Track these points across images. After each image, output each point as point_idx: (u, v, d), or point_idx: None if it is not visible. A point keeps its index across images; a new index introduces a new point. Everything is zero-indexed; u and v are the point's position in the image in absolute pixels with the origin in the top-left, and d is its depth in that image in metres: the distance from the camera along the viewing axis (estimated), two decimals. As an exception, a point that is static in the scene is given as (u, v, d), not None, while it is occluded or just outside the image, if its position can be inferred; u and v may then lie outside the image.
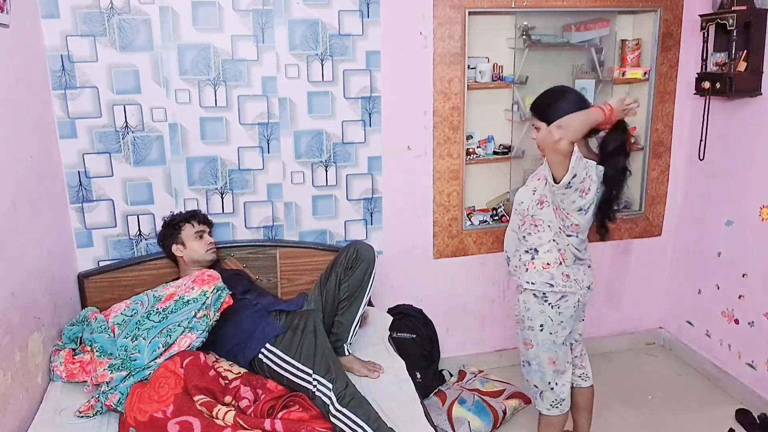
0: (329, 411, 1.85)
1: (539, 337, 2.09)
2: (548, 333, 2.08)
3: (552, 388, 2.15)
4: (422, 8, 2.64)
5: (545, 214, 2.02)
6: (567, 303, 2.06)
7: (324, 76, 2.60)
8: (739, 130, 2.76)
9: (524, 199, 2.09)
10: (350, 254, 2.28)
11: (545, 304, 2.05)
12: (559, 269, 2.04)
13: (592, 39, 2.92)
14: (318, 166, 2.69)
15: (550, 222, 2.02)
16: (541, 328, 2.08)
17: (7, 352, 1.77)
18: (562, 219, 1.98)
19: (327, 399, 1.88)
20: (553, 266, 2.04)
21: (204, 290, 2.09)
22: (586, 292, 2.10)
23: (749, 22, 2.55)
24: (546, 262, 2.04)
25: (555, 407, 2.17)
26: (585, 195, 1.92)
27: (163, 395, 1.83)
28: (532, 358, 2.13)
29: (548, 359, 2.11)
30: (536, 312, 2.07)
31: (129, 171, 2.50)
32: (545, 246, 2.04)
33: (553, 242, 2.03)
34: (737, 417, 2.68)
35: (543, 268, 2.04)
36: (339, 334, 2.26)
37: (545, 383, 2.15)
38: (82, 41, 2.34)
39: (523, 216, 2.09)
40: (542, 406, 2.20)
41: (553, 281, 2.03)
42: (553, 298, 2.05)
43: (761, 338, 2.69)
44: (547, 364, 2.12)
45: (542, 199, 2.02)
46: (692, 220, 3.11)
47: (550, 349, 2.10)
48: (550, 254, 2.04)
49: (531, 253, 2.07)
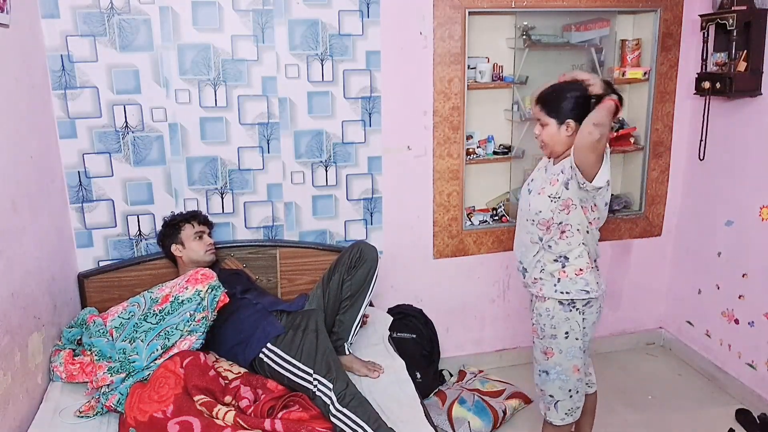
0: (329, 411, 1.85)
1: (564, 345, 2.02)
2: (574, 339, 2.02)
3: (571, 396, 2.08)
4: (422, 8, 2.64)
5: (573, 218, 1.93)
6: (592, 308, 2.03)
7: (324, 76, 2.60)
8: (739, 130, 2.76)
9: (542, 207, 1.96)
10: (354, 254, 2.28)
11: (572, 311, 1.99)
12: (591, 273, 1.99)
13: (592, 39, 2.92)
14: (318, 166, 2.69)
15: (578, 225, 1.94)
16: (566, 335, 2.01)
17: (7, 352, 1.77)
18: (588, 214, 1.93)
19: (327, 399, 1.88)
20: (585, 271, 1.98)
21: (198, 289, 2.08)
22: (603, 293, 2.08)
23: (749, 22, 2.55)
24: (579, 268, 1.97)
25: (570, 415, 2.11)
26: (608, 184, 1.90)
27: (163, 395, 1.83)
28: (553, 367, 2.05)
29: (573, 367, 2.05)
30: (562, 319, 2.00)
31: (129, 171, 2.50)
32: (575, 251, 1.97)
33: (583, 245, 1.97)
34: (737, 417, 2.68)
35: (576, 274, 1.97)
36: (340, 333, 2.26)
37: (565, 392, 2.07)
38: (82, 41, 2.34)
39: (545, 224, 1.96)
40: (556, 416, 2.10)
41: (588, 287, 1.98)
42: (580, 304, 1.99)
43: (761, 338, 2.69)
44: (573, 372, 2.05)
45: (568, 203, 1.92)
46: (692, 220, 3.11)
47: (576, 356, 2.04)
48: (581, 259, 1.97)
49: (561, 261, 1.98)
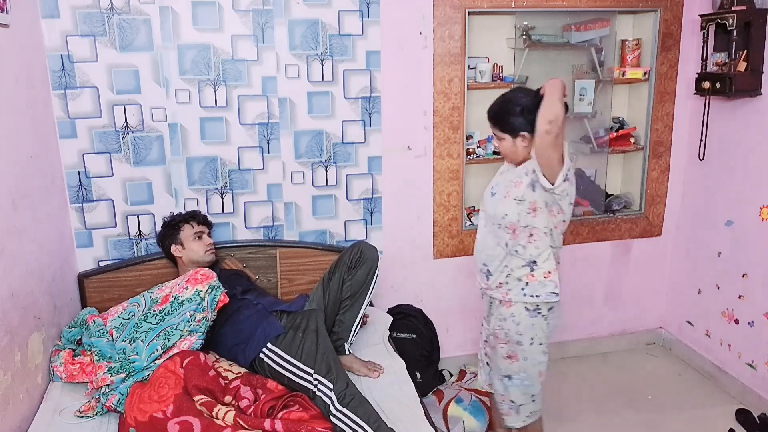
0: (329, 411, 1.85)
1: (528, 351, 2.01)
2: (538, 344, 2.01)
3: (534, 400, 2.10)
4: (422, 8, 2.64)
5: (539, 221, 1.93)
6: (555, 313, 2.02)
7: (324, 76, 2.60)
8: (739, 130, 2.76)
9: (508, 211, 1.95)
10: (354, 254, 2.28)
11: (538, 317, 1.98)
12: (557, 275, 1.98)
13: (592, 39, 2.92)
14: (318, 166, 2.69)
15: (545, 228, 1.94)
16: (531, 341, 2.00)
17: (7, 352, 1.77)
18: (554, 216, 1.92)
19: (327, 399, 1.88)
20: (553, 273, 1.97)
21: (198, 290, 2.08)
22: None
23: (749, 22, 2.55)
24: (547, 271, 1.97)
25: (531, 417, 2.12)
26: (572, 185, 1.91)
27: (163, 395, 1.83)
28: (517, 373, 2.05)
29: (538, 372, 2.06)
30: (528, 326, 1.99)
31: (129, 171, 2.50)
32: (544, 254, 1.96)
33: (551, 248, 1.97)
34: (737, 417, 2.68)
35: (545, 277, 1.96)
36: (340, 333, 2.26)
37: (528, 396, 2.08)
38: (82, 41, 2.34)
39: (512, 228, 1.96)
40: (517, 420, 2.12)
41: (557, 289, 1.98)
42: (545, 309, 1.99)
43: (761, 338, 2.69)
44: (537, 377, 2.06)
45: (534, 206, 1.92)
46: (692, 220, 3.11)
47: (540, 361, 2.04)
48: (549, 262, 1.97)
49: (529, 265, 1.96)
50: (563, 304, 3.06)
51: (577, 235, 3.08)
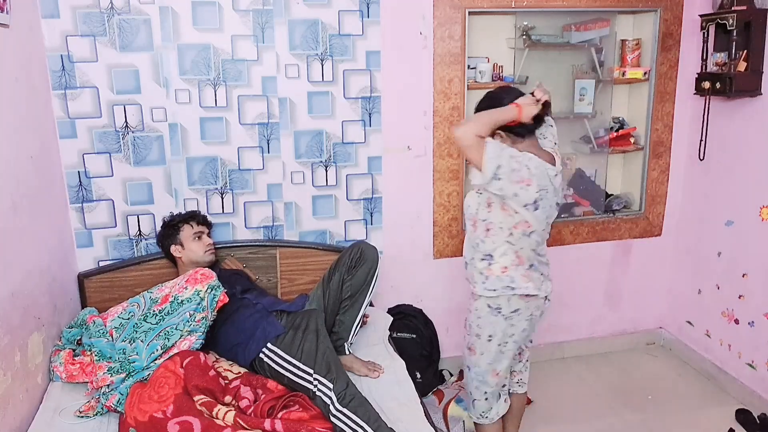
0: (329, 411, 1.85)
1: (484, 347, 2.03)
2: (496, 344, 2.02)
3: (487, 399, 2.10)
4: (422, 8, 2.64)
5: (494, 215, 1.94)
6: (520, 317, 2.00)
7: (324, 76, 2.60)
8: (739, 130, 2.76)
9: (471, 203, 2.01)
10: (354, 254, 2.28)
11: (498, 316, 1.99)
12: (518, 270, 1.96)
13: (592, 39, 2.92)
14: (318, 166, 2.69)
15: (501, 224, 1.94)
16: (489, 338, 2.02)
17: (7, 352, 1.77)
18: (511, 216, 1.92)
19: (327, 399, 1.88)
20: (510, 268, 1.96)
21: (197, 290, 2.08)
22: (542, 301, 2.03)
23: (749, 22, 2.55)
24: (504, 266, 1.96)
25: (485, 417, 2.13)
26: (527, 186, 1.86)
27: (163, 395, 1.83)
28: (473, 365, 2.08)
29: (492, 370, 2.06)
30: (487, 322, 2.01)
31: (129, 171, 2.50)
32: (500, 249, 1.96)
33: (508, 244, 1.95)
34: (737, 417, 2.68)
35: (502, 272, 1.97)
36: (340, 333, 2.26)
37: (481, 393, 2.10)
38: (82, 41, 2.34)
39: (473, 220, 2.00)
40: (473, 414, 2.17)
41: (514, 284, 1.96)
42: (507, 310, 1.98)
43: (761, 338, 2.69)
44: (491, 375, 2.07)
45: (489, 200, 1.94)
46: (692, 220, 3.11)
47: (496, 360, 2.05)
48: (506, 257, 1.96)
49: (487, 259, 1.98)
50: (565, 303, 3.12)
51: (577, 235, 3.08)
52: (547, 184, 1.90)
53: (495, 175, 1.82)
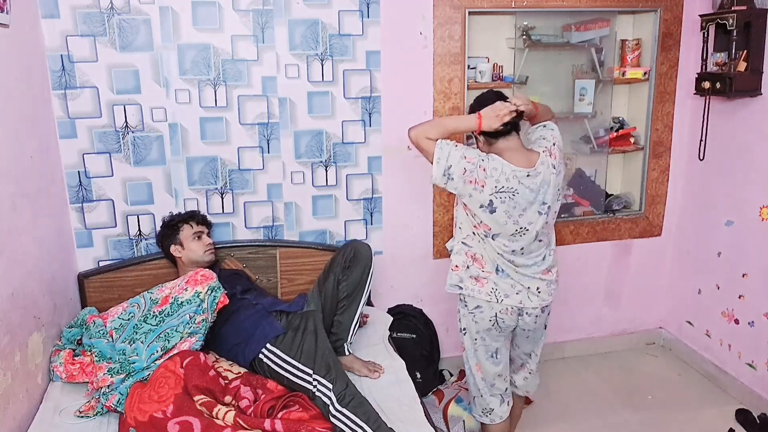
0: (329, 411, 1.85)
1: (464, 341, 2.13)
2: (471, 339, 2.09)
3: (482, 395, 2.14)
4: (422, 8, 2.64)
5: (459, 214, 2.01)
6: (482, 314, 2.02)
7: (324, 76, 2.60)
8: (739, 130, 2.75)
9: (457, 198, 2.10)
10: (348, 254, 2.28)
11: (464, 309, 2.08)
12: (467, 272, 2.01)
13: (592, 39, 2.92)
14: (318, 166, 2.69)
15: (461, 223, 2.01)
16: (463, 332, 2.11)
17: (7, 352, 1.77)
18: (472, 216, 1.96)
19: (327, 399, 1.88)
20: (461, 268, 2.03)
21: (197, 291, 2.07)
22: (512, 311, 1.99)
23: (749, 22, 2.55)
24: (455, 264, 2.04)
25: (486, 416, 2.16)
26: (481, 188, 1.87)
27: (163, 395, 1.83)
28: (464, 361, 2.17)
29: (476, 365, 2.12)
30: (461, 315, 2.10)
31: (129, 171, 2.50)
32: (456, 247, 2.04)
33: (462, 245, 2.02)
34: (737, 417, 2.68)
35: (453, 270, 2.05)
36: (339, 333, 2.26)
37: (475, 389, 2.16)
38: (82, 41, 2.34)
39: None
40: (475, 412, 2.21)
41: (461, 284, 2.03)
42: (471, 304, 2.04)
43: (761, 338, 2.69)
44: (475, 370, 2.13)
45: (458, 200, 2.00)
46: (692, 220, 3.11)
47: (474, 356, 2.11)
48: (458, 256, 2.03)
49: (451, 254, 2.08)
50: (565, 303, 3.12)
51: (577, 235, 3.08)
52: (513, 186, 1.87)
53: (448, 175, 1.89)
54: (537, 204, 1.91)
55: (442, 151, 1.88)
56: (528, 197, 1.89)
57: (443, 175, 1.88)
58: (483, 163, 1.88)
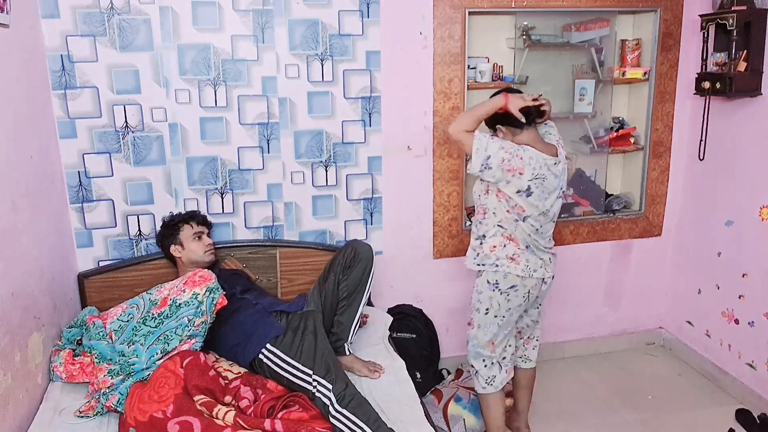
0: (329, 412, 1.85)
1: (482, 320, 2.23)
2: (493, 317, 2.22)
3: (486, 365, 2.28)
4: (422, 8, 2.64)
5: (490, 201, 2.15)
6: (517, 293, 2.18)
7: (324, 76, 2.60)
8: (739, 130, 2.75)
9: (475, 189, 2.24)
10: (348, 254, 2.28)
11: (495, 291, 2.19)
12: (503, 251, 2.16)
13: (592, 39, 2.92)
14: (318, 166, 2.69)
15: (494, 209, 2.15)
16: (486, 311, 2.22)
17: (7, 352, 1.77)
18: (506, 201, 2.11)
19: (327, 400, 1.88)
20: (498, 248, 2.16)
21: (195, 292, 2.06)
22: (538, 283, 2.21)
23: (749, 22, 2.55)
24: (492, 245, 2.17)
25: (490, 385, 2.28)
26: (520, 175, 2.04)
27: (163, 395, 1.83)
28: (472, 338, 2.28)
29: (488, 342, 2.25)
30: (486, 297, 2.20)
31: (129, 171, 2.50)
32: (491, 231, 2.17)
33: (498, 227, 2.16)
34: (737, 417, 2.68)
35: (490, 250, 2.17)
36: (339, 333, 2.26)
37: (480, 362, 2.28)
38: (82, 41, 2.34)
39: (476, 204, 2.24)
40: (478, 385, 2.31)
41: (498, 262, 2.16)
42: (504, 286, 2.17)
43: (761, 338, 2.69)
44: (487, 347, 2.26)
45: (487, 188, 2.16)
46: (692, 220, 3.11)
47: (491, 332, 2.23)
48: (495, 238, 2.17)
49: (480, 239, 2.21)
50: (565, 303, 3.12)
51: (577, 235, 3.08)
52: (544, 173, 2.08)
53: (486, 165, 2.05)
54: (558, 189, 2.16)
55: (480, 143, 2.04)
56: (553, 183, 2.13)
57: (481, 165, 2.05)
58: (519, 152, 2.05)
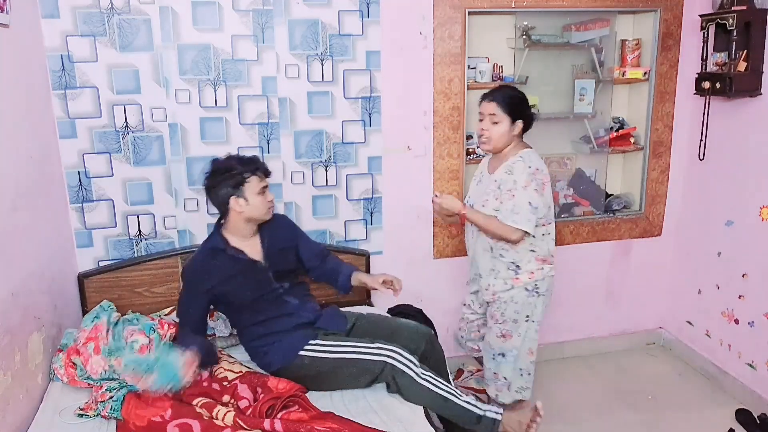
0: (413, 379, 1.96)
1: (523, 328, 2.25)
2: (532, 321, 2.26)
3: (522, 375, 2.29)
4: (422, 8, 2.64)
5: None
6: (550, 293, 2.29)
7: (324, 76, 2.60)
8: (739, 130, 2.75)
9: None
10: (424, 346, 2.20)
11: (536, 296, 2.23)
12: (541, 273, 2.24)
13: (592, 39, 2.92)
14: (318, 166, 2.69)
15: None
16: (527, 318, 2.25)
17: (7, 352, 1.77)
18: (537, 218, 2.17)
19: (405, 366, 1.96)
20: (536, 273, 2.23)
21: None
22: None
23: (749, 22, 2.55)
24: (530, 271, 2.23)
25: (520, 393, 2.30)
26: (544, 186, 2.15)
27: (158, 400, 1.82)
28: (510, 350, 2.28)
29: (528, 349, 2.29)
30: (525, 305, 2.23)
31: (129, 171, 2.50)
32: (525, 258, 2.22)
33: (531, 252, 2.21)
34: (737, 417, 2.68)
35: (529, 278, 2.23)
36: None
37: (517, 372, 2.30)
38: (82, 41, 2.34)
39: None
40: (508, 396, 2.33)
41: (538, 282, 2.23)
42: (543, 287, 2.23)
43: (761, 338, 2.69)
44: (527, 354, 2.29)
45: None
46: (692, 220, 3.11)
47: (532, 338, 2.27)
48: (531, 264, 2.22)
49: (514, 270, 2.23)
50: (565, 303, 3.12)
51: (577, 235, 3.08)
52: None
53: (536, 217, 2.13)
54: None
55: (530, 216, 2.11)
56: None
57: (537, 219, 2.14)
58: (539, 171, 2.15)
